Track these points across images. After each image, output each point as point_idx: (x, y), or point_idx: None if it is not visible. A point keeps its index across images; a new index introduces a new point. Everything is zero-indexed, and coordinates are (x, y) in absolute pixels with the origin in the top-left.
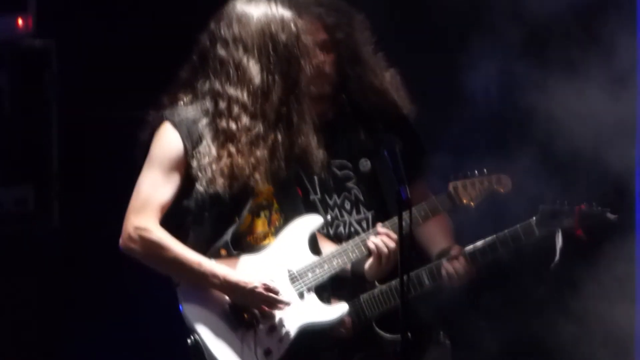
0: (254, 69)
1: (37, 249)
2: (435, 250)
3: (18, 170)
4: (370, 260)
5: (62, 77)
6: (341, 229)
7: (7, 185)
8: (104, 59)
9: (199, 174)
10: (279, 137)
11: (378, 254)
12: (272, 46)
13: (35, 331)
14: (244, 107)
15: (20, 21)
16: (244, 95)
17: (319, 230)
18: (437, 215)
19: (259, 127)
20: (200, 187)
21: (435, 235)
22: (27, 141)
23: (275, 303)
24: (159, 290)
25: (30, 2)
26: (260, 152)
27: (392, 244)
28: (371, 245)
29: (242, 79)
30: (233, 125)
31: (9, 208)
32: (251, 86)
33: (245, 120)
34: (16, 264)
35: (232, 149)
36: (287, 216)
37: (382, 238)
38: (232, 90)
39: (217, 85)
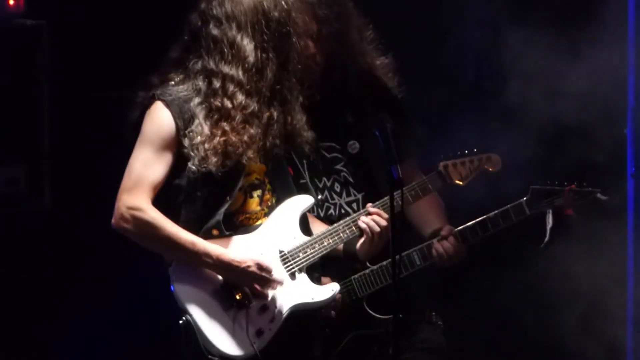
0: (248, 46)
1: (28, 229)
2: (427, 230)
3: (9, 150)
4: (361, 240)
5: (53, 57)
6: (331, 211)
7: None
8: (95, 39)
9: (192, 153)
10: (274, 114)
11: (369, 234)
12: (265, 23)
13: (28, 311)
14: (239, 84)
15: (11, 1)
16: (239, 73)
17: (309, 212)
18: (428, 194)
19: (254, 105)
20: (192, 165)
21: (427, 215)
22: (18, 121)
23: (267, 282)
24: (152, 269)
25: None
26: (254, 130)
27: (383, 223)
28: (362, 225)
29: (237, 56)
30: (228, 104)
31: (0, 188)
32: (246, 64)
33: (240, 98)
34: (8, 244)
35: (227, 127)
36: (280, 196)
37: (373, 217)
38: (226, 69)
39: (211, 64)
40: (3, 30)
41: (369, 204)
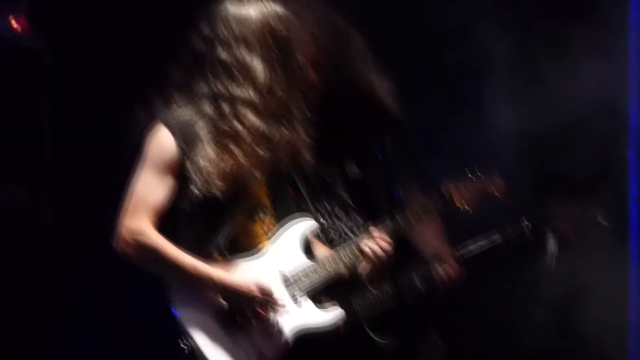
0: (258, 66)
1: (30, 248)
2: (428, 253)
3: (11, 170)
4: (364, 263)
5: (55, 76)
6: (333, 235)
7: (0, 186)
8: (97, 59)
9: (195, 177)
10: (284, 133)
11: (372, 257)
12: (272, 42)
13: (28, 330)
14: (251, 106)
15: (13, 21)
16: (250, 95)
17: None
18: (431, 217)
19: (265, 126)
20: (195, 189)
21: (428, 238)
22: (20, 141)
23: (270, 306)
24: (154, 288)
25: (23, 2)
26: (264, 152)
27: (386, 246)
28: (365, 249)
29: (248, 78)
30: (238, 126)
31: (2, 208)
32: (257, 84)
33: (252, 119)
34: (10, 263)
35: (236, 151)
36: (282, 219)
37: (375, 241)
38: (237, 91)
39: (220, 88)
40: (6, 51)
41: (372, 227)
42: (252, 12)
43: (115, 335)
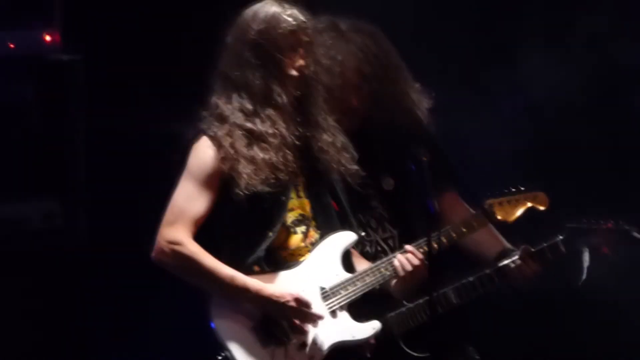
0: (253, 78)
1: (65, 264)
2: (490, 254)
3: (45, 184)
4: (395, 279)
5: (88, 91)
6: (368, 248)
7: (34, 200)
8: (130, 73)
9: (236, 178)
10: (292, 130)
11: (402, 272)
12: (248, 42)
13: (65, 346)
14: (240, 110)
15: (47, 36)
16: (246, 104)
17: (353, 248)
18: (474, 233)
19: (258, 127)
20: (238, 190)
21: (487, 240)
22: (54, 156)
23: (307, 318)
24: (192, 303)
25: (56, 17)
26: (263, 151)
27: (416, 262)
28: (396, 263)
29: (235, 83)
30: (261, 127)
31: (36, 223)
32: (255, 93)
33: (239, 122)
34: (44, 279)
35: (268, 156)
36: (324, 232)
37: (407, 256)
38: (223, 96)
39: (241, 94)
40: (40, 65)
41: (407, 245)
42: (243, 14)
43: (149, 348)
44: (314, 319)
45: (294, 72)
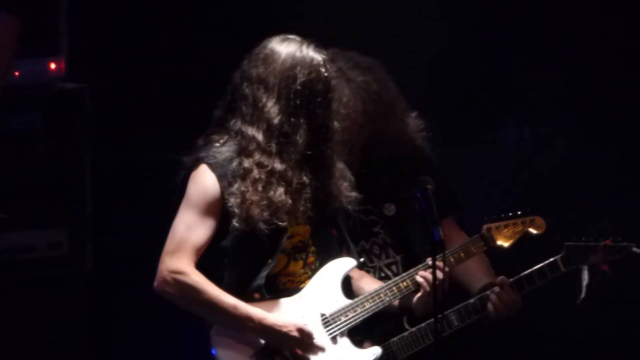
0: (272, 109)
1: (71, 293)
2: (476, 286)
3: (51, 213)
4: (419, 294)
5: (94, 120)
6: (371, 274)
7: (40, 229)
8: (136, 102)
9: (236, 211)
10: (305, 179)
11: (427, 288)
12: (295, 89)
13: None
14: (259, 146)
15: (52, 65)
16: (259, 135)
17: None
18: (471, 257)
19: (277, 167)
20: (236, 223)
21: (475, 272)
22: (61, 184)
23: (309, 347)
24: (195, 333)
25: (62, 46)
26: (279, 192)
27: (440, 276)
28: (419, 279)
29: (260, 118)
30: (247, 164)
31: (43, 252)
32: (267, 125)
33: (259, 159)
34: (49, 307)
35: (251, 187)
36: (324, 258)
37: (430, 271)
38: (249, 129)
39: (240, 123)
40: (45, 94)
41: (429, 258)
42: (282, 54)
43: None
44: (316, 348)
45: (337, 124)
